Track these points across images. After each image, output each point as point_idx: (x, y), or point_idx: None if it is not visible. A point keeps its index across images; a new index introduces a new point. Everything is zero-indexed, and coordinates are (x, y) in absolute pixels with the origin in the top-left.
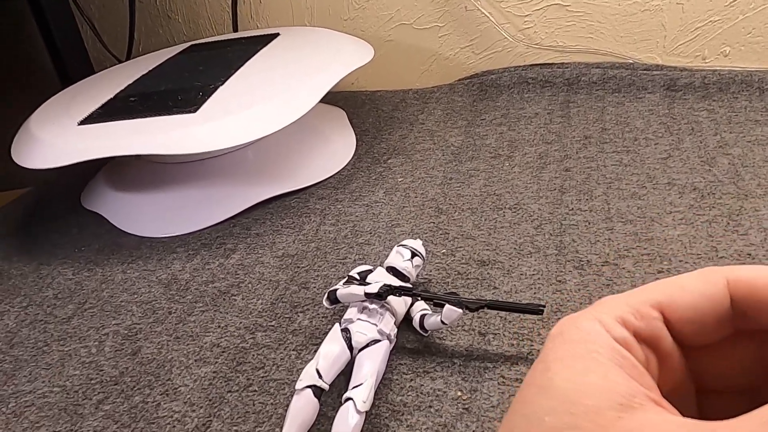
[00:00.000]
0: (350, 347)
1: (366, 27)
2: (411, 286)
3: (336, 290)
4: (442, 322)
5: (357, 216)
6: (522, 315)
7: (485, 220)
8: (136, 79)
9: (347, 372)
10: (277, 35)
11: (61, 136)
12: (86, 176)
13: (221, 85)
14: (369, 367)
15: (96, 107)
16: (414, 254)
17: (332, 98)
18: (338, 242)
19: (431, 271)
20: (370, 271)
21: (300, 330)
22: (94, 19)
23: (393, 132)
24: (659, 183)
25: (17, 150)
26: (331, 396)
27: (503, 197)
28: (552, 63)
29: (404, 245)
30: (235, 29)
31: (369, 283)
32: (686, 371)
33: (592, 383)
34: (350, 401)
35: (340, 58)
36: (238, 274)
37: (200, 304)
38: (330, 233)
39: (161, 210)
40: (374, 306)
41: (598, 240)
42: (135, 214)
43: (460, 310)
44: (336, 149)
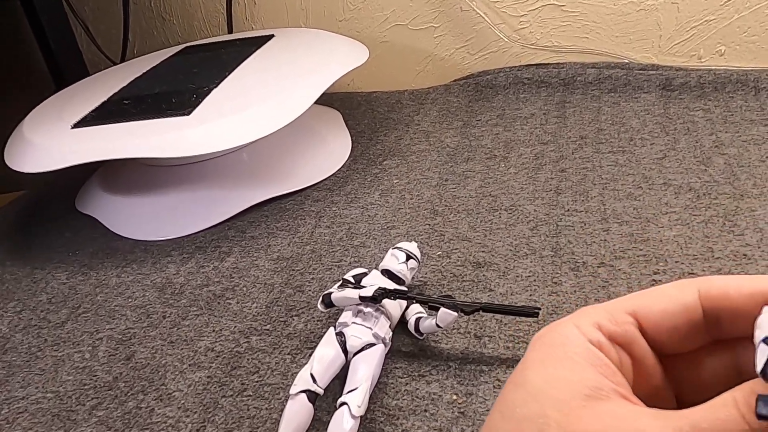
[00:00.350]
0: (345, 351)
1: (361, 28)
2: (406, 289)
3: (331, 294)
4: (438, 326)
5: (352, 218)
6: (517, 318)
7: (481, 222)
8: (130, 82)
9: (342, 376)
10: (272, 36)
11: (55, 140)
12: (81, 179)
13: (215, 87)
14: (364, 371)
15: (90, 110)
16: (409, 257)
17: (327, 99)
18: (333, 244)
19: (426, 274)
20: (365, 274)
21: (295, 334)
22: (88, 21)
23: (388, 133)
24: (655, 183)
25: (10, 154)
26: (326, 400)
27: (499, 198)
28: (547, 63)
29: (399, 248)
30: (230, 30)
31: (364, 287)
32: (664, 379)
33: (562, 377)
34: (345, 406)
35: (335, 60)
36: (233, 278)
37: (195, 308)
38: (325, 235)
39: (156, 213)
40: (369, 309)
41: (594, 241)
42: (129, 218)
43: (456, 313)
44: (331, 151)
